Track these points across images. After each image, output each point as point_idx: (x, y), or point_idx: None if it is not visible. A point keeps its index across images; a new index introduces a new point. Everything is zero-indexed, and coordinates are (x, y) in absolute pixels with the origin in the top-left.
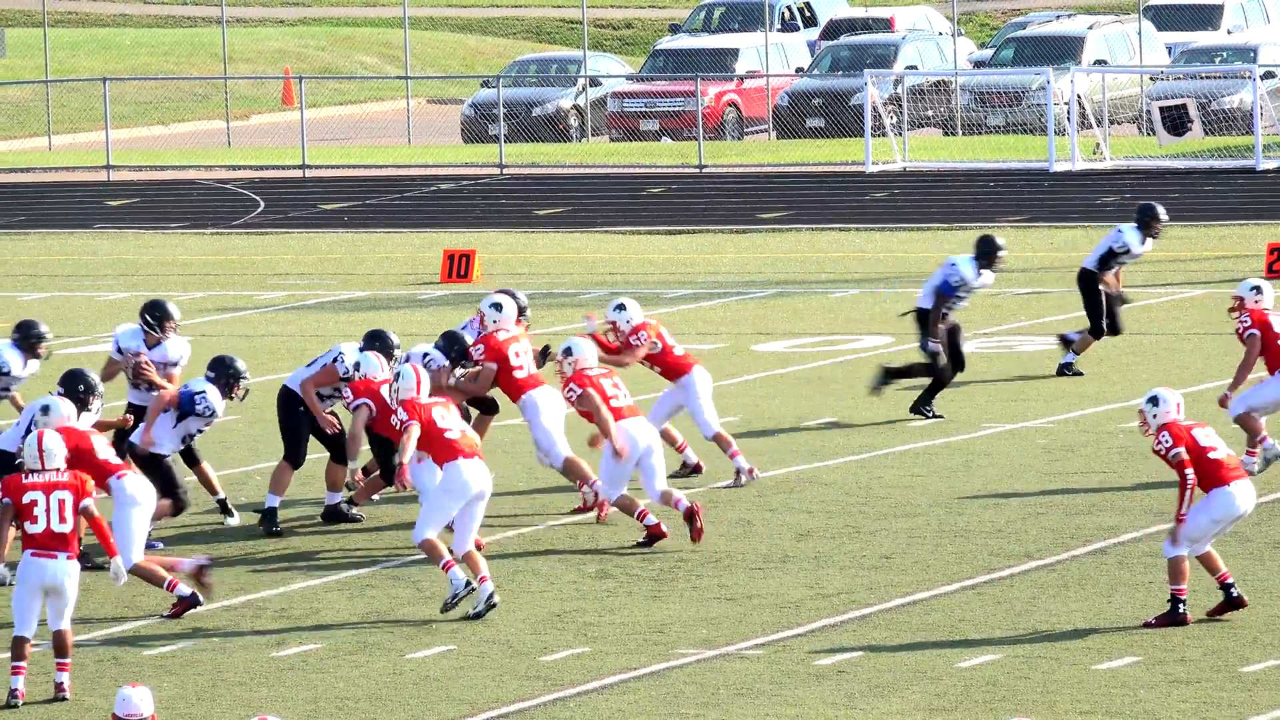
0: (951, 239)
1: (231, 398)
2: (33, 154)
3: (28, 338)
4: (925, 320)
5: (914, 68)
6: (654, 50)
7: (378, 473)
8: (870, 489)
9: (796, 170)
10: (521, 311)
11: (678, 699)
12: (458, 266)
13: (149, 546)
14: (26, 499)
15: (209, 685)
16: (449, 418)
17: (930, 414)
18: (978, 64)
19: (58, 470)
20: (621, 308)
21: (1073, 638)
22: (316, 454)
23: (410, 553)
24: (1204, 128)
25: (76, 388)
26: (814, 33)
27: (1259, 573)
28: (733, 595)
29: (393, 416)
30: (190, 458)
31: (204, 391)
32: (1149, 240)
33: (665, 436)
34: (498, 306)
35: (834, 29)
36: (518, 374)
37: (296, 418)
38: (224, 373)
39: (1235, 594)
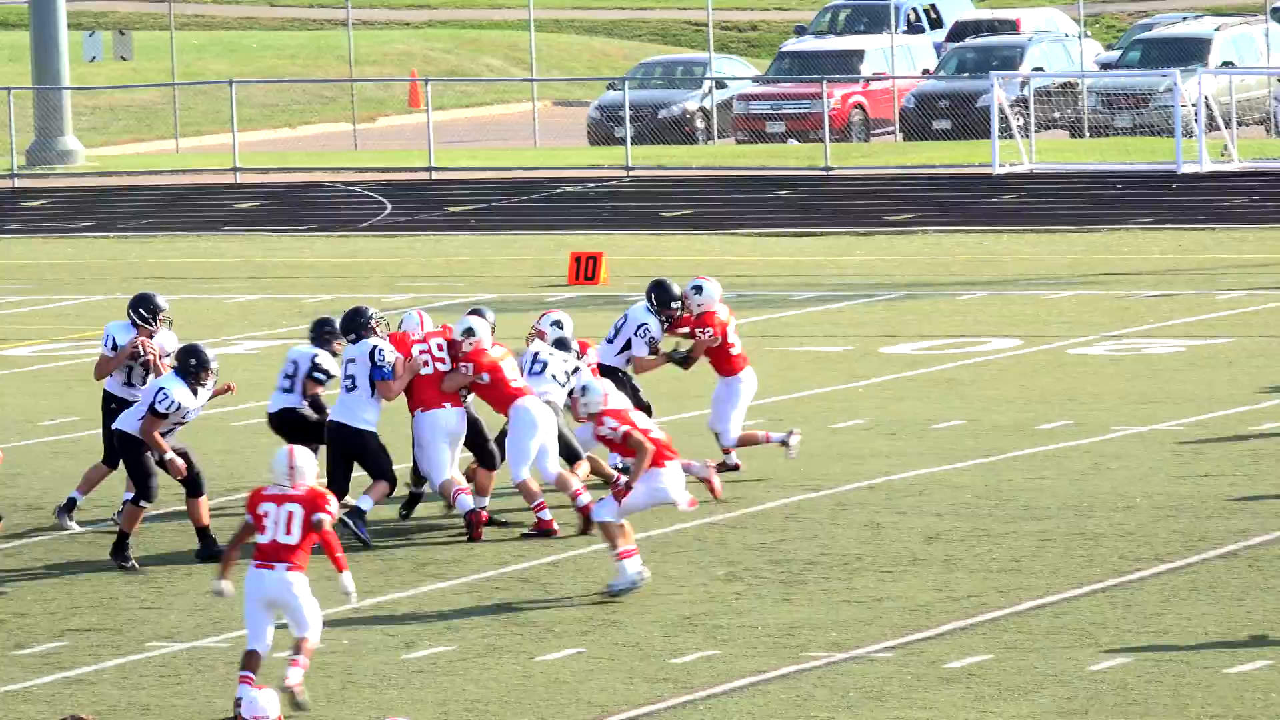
0: (1079, 241)
1: (201, 388)
2: (160, 157)
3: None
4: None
5: (1040, 69)
6: (780, 52)
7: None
8: (1000, 492)
9: (923, 172)
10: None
11: (807, 702)
12: (585, 269)
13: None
14: (260, 510)
15: (339, 688)
16: (512, 366)
17: None
18: (1104, 66)
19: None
20: (698, 289)
21: (1204, 641)
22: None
23: (540, 554)
24: None
25: (189, 363)
26: (940, 34)
27: None
28: (862, 598)
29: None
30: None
31: (163, 388)
32: None
33: (749, 439)
34: (470, 331)
35: (960, 31)
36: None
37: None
38: (189, 364)
39: None
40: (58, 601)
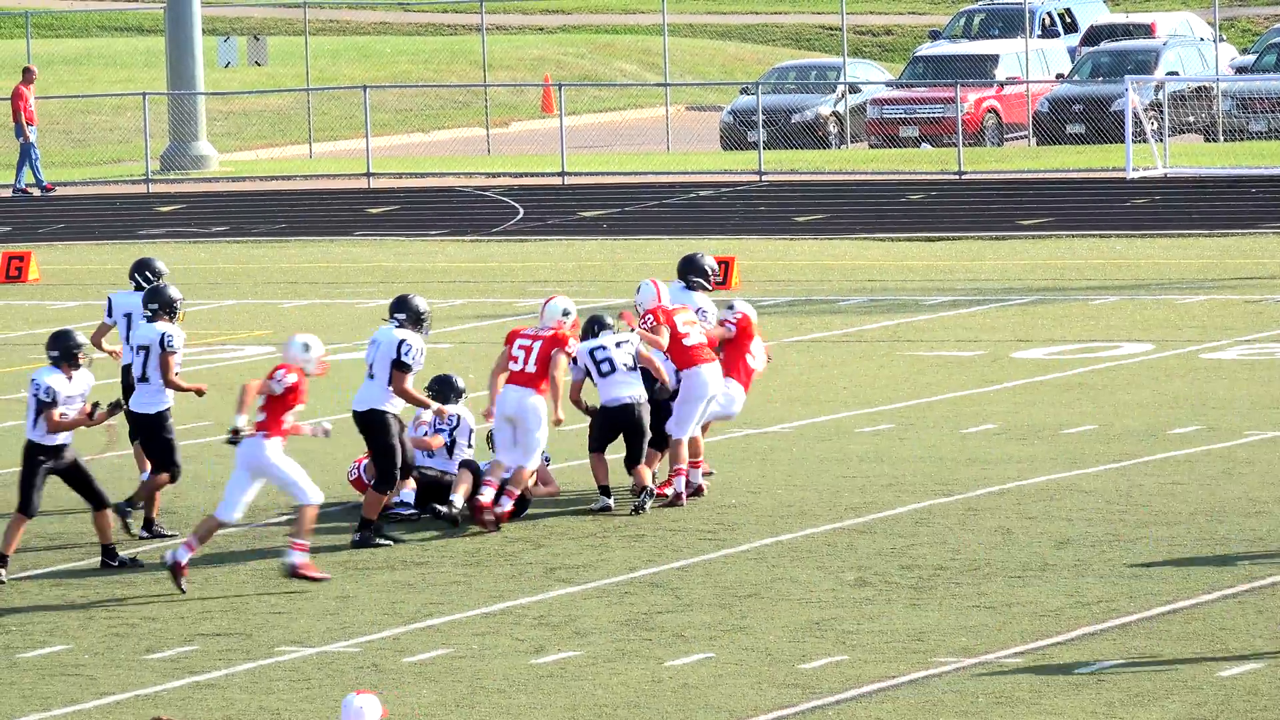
0: (1214, 245)
1: (75, 370)
2: (294, 161)
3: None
4: None
5: (1175, 73)
6: (913, 56)
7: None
8: (1130, 496)
9: (1057, 176)
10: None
11: (937, 707)
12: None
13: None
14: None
15: (468, 692)
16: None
17: None
18: (1240, 69)
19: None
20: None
21: None
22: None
23: (671, 560)
24: None
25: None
26: (1074, 38)
27: None
28: (992, 603)
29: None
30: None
31: (34, 379)
32: None
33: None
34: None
35: (1094, 35)
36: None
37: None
38: (60, 349)
39: None
40: (188, 605)
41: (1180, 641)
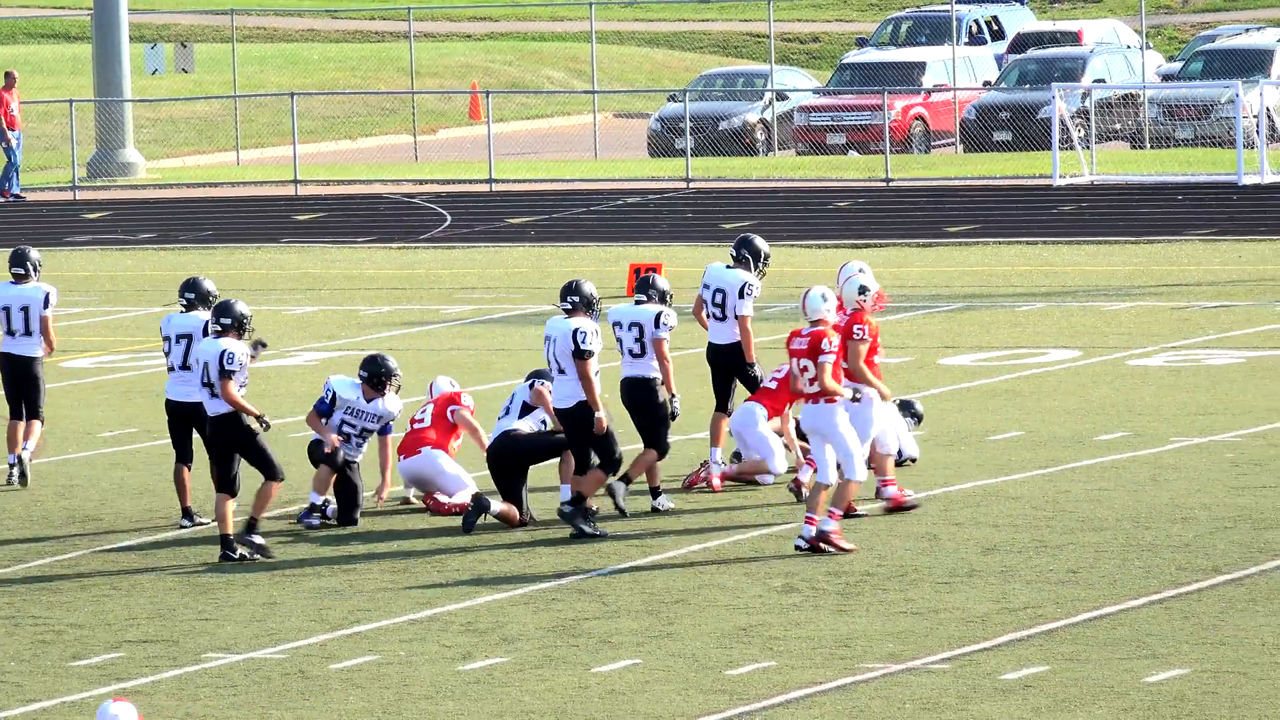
0: (1140, 252)
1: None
2: (221, 169)
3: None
4: None
5: (1102, 81)
6: (841, 64)
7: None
8: (1057, 503)
9: (984, 184)
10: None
11: (863, 713)
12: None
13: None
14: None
15: (395, 699)
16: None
17: None
18: (1166, 77)
19: None
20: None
21: (1261, 652)
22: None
23: (598, 567)
24: None
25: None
26: (1001, 46)
27: None
28: (919, 609)
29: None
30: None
31: (225, 349)
32: None
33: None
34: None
35: (1021, 42)
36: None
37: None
38: (232, 318)
39: None
40: (114, 613)
41: (1107, 647)
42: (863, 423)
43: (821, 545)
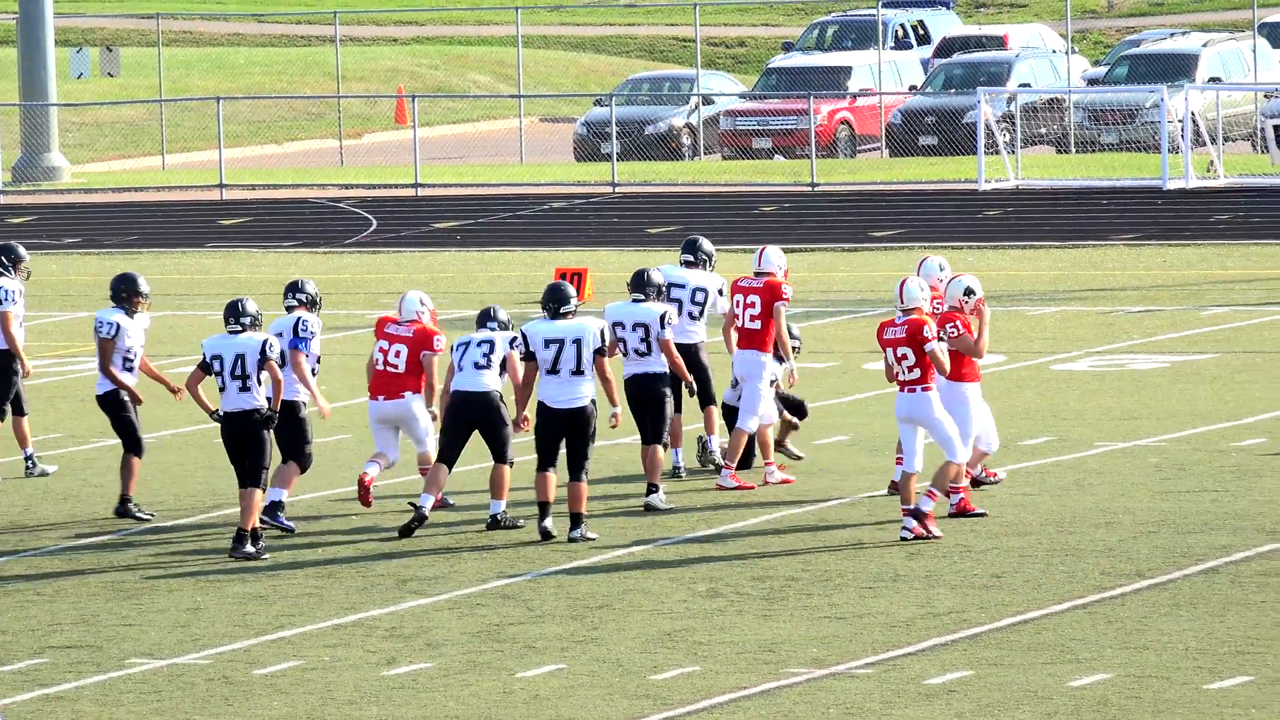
0: (1065, 257)
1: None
2: (147, 173)
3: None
4: None
5: (1027, 85)
6: (767, 68)
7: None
8: (982, 506)
9: (909, 188)
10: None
11: (787, 718)
12: (570, 285)
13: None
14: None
15: (319, 704)
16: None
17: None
18: (1091, 81)
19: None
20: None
21: (1184, 657)
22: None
23: (523, 571)
24: None
25: None
26: (927, 50)
27: None
28: (843, 614)
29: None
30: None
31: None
32: None
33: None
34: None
35: (947, 47)
36: None
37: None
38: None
39: None
40: (38, 619)
41: (1031, 652)
42: (962, 419)
43: (922, 532)
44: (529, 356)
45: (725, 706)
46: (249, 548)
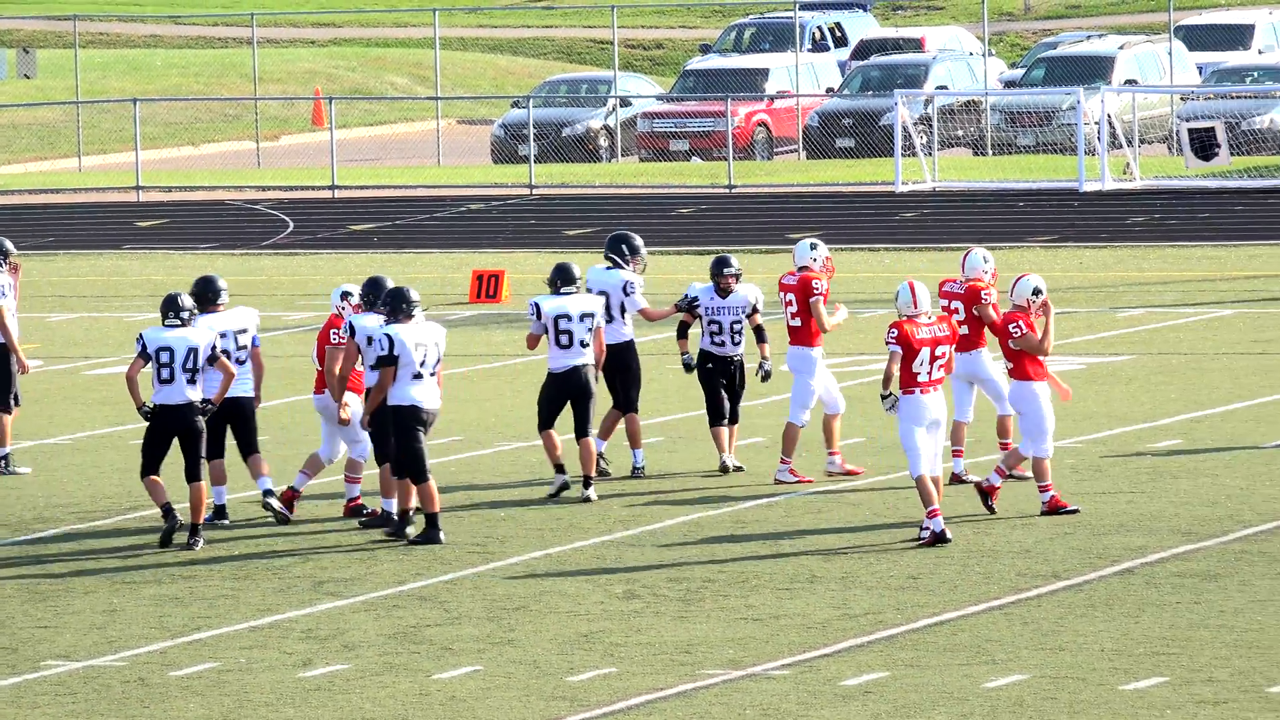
0: None
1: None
2: (63, 175)
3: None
4: None
5: (944, 88)
6: (684, 70)
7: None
8: (898, 509)
9: (826, 190)
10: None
11: (698, 719)
12: (487, 287)
13: None
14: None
15: (235, 706)
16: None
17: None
18: (1008, 84)
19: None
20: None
21: (1099, 658)
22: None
23: (439, 573)
24: (1234, 148)
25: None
26: (844, 53)
27: None
28: (760, 616)
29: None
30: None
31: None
32: None
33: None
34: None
35: (865, 49)
36: None
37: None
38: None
39: None
40: None
41: (947, 653)
42: (1035, 416)
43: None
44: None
45: (641, 708)
46: (199, 539)
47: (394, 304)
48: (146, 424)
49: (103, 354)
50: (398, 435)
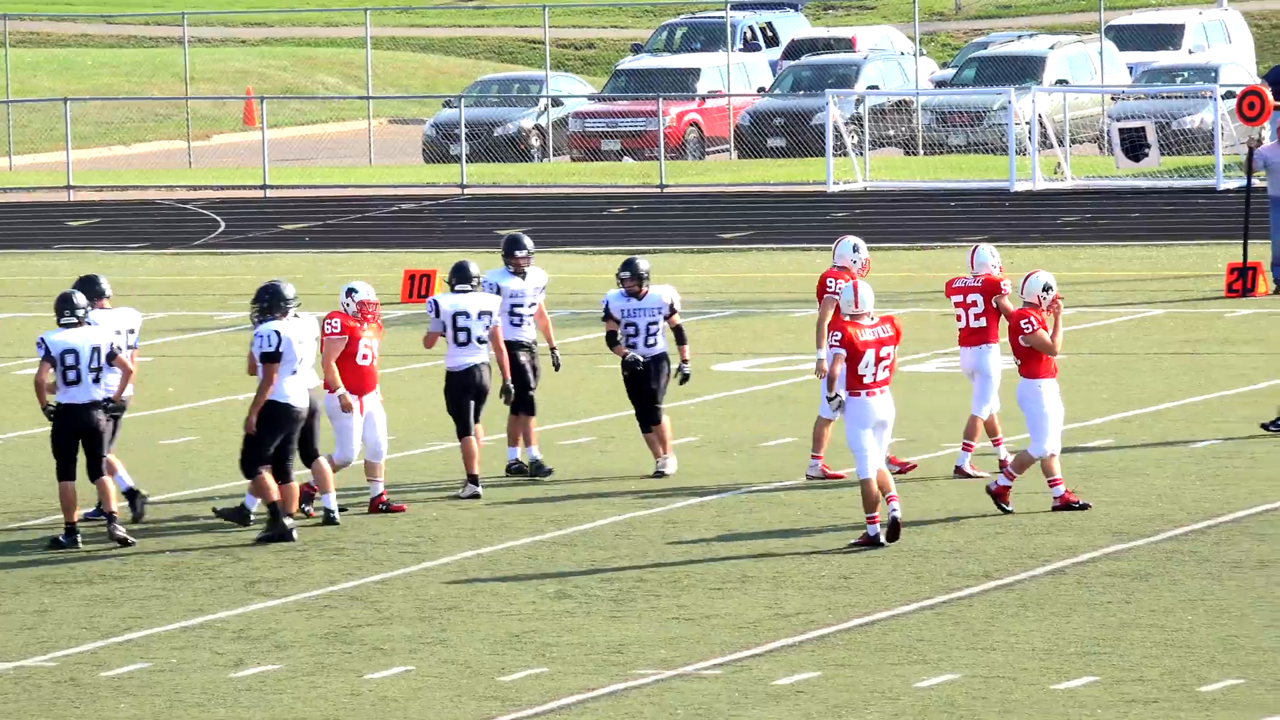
0: (913, 258)
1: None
2: None
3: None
4: None
5: (876, 87)
6: (616, 70)
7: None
8: (829, 509)
9: (758, 190)
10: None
11: (635, 719)
12: (418, 286)
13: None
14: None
15: (166, 706)
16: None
17: None
18: (939, 84)
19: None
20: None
21: (1031, 658)
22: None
23: (371, 573)
24: (1164, 147)
25: None
26: (776, 52)
27: (1217, 593)
28: (691, 615)
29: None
30: None
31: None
32: None
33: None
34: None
35: (796, 49)
36: None
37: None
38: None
39: None
40: None
41: (878, 653)
42: (1037, 414)
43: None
44: None
45: (573, 708)
46: (119, 528)
47: (271, 301)
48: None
49: (34, 354)
50: (264, 429)
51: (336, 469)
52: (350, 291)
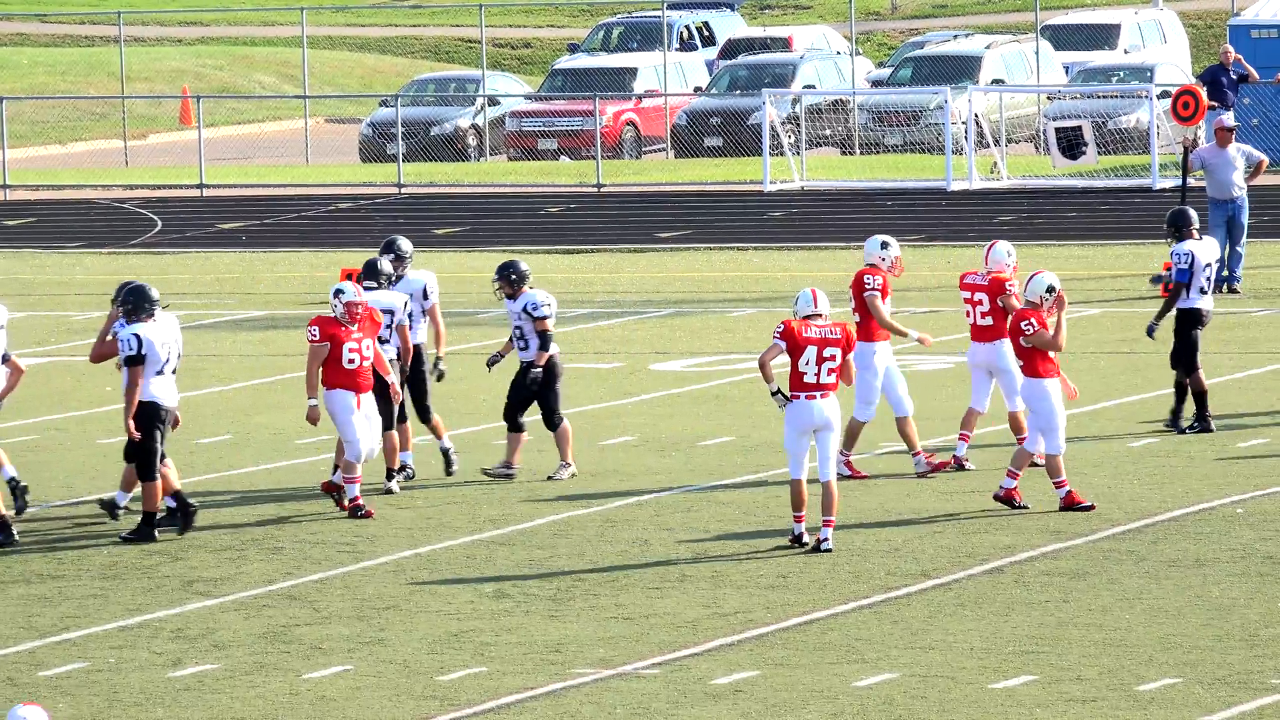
0: (849, 258)
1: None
2: None
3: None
4: None
5: (812, 87)
6: (552, 70)
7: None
8: (767, 508)
9: (694, 189)
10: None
11: (574, 718)
12: None
13: None
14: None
15: (105, 706)
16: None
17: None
18: (875, 83)
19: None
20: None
21: (969, 657)
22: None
23: (309, 573)
24: (1100, 147)
25: None
26: (712, 52)
27: (1154, 591)
28: (630, 614)
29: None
30: None
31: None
32: None
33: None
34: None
35: (732, 48)
36: None
37: None
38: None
39: None
40: None
41: (817, 652)
42: (1046, 413)
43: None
44: None
45: (512, 707)
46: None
47: (136, 303)
48: None
49: None
50: (144, 431)
51: (350, 469)
52: (338, 293)
